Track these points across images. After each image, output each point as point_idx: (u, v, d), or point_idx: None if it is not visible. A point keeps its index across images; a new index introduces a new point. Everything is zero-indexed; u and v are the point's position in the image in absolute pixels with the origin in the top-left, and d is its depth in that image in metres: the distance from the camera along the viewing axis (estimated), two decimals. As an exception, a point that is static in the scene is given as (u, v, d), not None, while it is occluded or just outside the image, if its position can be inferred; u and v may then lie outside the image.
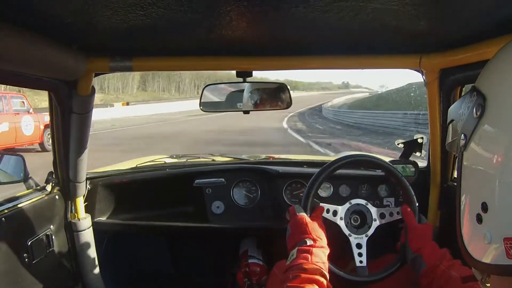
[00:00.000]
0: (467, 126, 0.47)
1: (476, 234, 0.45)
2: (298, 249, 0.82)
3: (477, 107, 0.45)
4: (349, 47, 1.04)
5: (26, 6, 0.64)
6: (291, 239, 0.89)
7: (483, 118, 0.44)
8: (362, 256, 1.01)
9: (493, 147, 0.43)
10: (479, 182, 0.45)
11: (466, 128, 0.48)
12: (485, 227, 0.43)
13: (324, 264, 0.80)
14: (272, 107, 1.23)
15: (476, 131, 0.45)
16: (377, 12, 0.70)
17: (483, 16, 0.73)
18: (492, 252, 0.42)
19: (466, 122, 0.48)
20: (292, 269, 0.76)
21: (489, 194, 0.42)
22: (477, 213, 0.44)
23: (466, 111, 0.49)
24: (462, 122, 0.50)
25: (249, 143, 9.49)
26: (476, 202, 0.44)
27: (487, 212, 0.42)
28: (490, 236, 0.42)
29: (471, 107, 0.47)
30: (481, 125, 0.45)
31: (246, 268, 1.39)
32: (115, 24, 0.75)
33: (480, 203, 0.43)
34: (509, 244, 0.39)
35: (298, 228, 0.89)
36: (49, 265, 1.12)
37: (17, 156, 1.21)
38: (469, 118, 0.47)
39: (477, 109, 0.45)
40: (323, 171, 1.03)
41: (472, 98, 0.48)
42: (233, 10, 0.68)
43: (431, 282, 0.87)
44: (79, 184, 1.24)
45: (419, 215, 1.02)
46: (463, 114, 0.50)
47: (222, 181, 1.42)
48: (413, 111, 13.38)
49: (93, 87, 1.14)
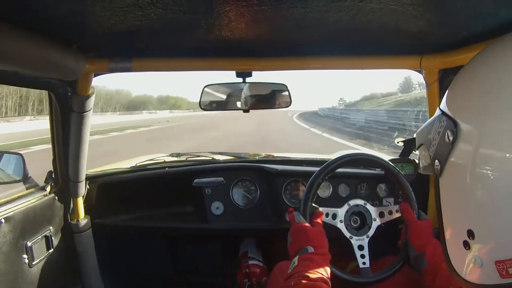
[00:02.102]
0: (440, 151, 0.47)
1: (465, 259, 0.44)
2: (299, 257, 0.83)
3: (449, 132, 0.45)
4: (348, 48, 1.03)
5: (26, 6, 0.64)
6: (292, 247, 0.89)
7: (456, 143, 0.44)
8: (365, 257, 1.01)
9: (472, 171, 0.41)
10: (461, 208, 0.44)
11: (439, 153, 0.47)
12: (474, 253, 0.42)
13: (325, 270, 0.80)
14: (272, 106, 1.23)
15: (451, 156, 0.45)
16: (376, 12, 0.70)
17: (483, 17, 0.73)
18: (484, 274, 0.42)
19: (439, 148, 0.48)
20: (294, 277, 0.77)
21: (474, 220, 0.42)
22: (463, 240, 0.43)
23: (437, 136, 0.48)
24: (434, 148, 0.49)
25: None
26: (461, 229, 0.43)
27: (474, 239, 0.42)
28: (480, 261, 0.41)
29: (442, 132, 0.47)
30: (455, 150, 0.44)
31: (246, 269, 1.39)
32: (114, 25, 0.75)
33: (466, 230, 0.42)
34: (501, 266, 0.39)
35: (299, 236, 0.90)
36: (49, 266, 1.12)
37: (17, 155, 1.20)
38: (441, 144, 0.47)
39: (449, 135, 0.45)
40: (321, 173, 1.03)
41: (441, 124, 0.47)
42: (232, 10, 0.68)
43: (433, 280, 0.88)
44: (78, 184, 1.24)
45: (419, 211, 1.03)
46: (434, 139, 0.49)
47: (221, 180, 1.42)
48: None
49: (92, 87, 1.14)
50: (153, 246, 1.66)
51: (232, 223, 1.41)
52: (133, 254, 1.62)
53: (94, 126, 1.48)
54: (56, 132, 1.16)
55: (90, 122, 1.19)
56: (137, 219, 1.44)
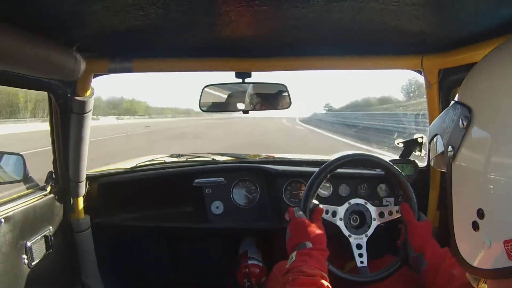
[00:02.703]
0: (454, 137, 0.48)
1: (473, 242, 0.45)
2: (297, 252, 0.83)
3: (463, 118, 0.46)
4: (349, 48, 1.03)
5: (25, 6, 0.64)
6: (291, 242, 0.89)
7: (470, 127, 0.45)
8: (363, 256, 1.01)
9: (485, 152, 0.42)
10: (472, 190, 0.45)
11: (453, 140, 0.49)
12: (483, 233, 0.43)
13: (323, 266, 0.80)
14: (272, 107, 1.23)
15: (465, 140, 0.46)
16: (377, 13, 0.70)
17: (483, 16, 0.73)
18: (492, 257, 0.42)
19: (453, 134, 0.49)
20: (292, 272, 0.76)
21: (484, 199, 0.42)
22: (473, 221, 0.44)
23: (451, 123, 0.50)
24: (448, 135, 0.51)
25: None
26: (470, 210, 0.44)
27: (484, 218, 0.42)
28: (489, 242, 0.42)
29: (456, 120, 0.48)
30: (469, 134, 0.45)
31: (246, 269, 1.39)
32: (114, 25, 0.75)
33: (476, 210, 0.43)
34: (510, 246, 0.39)
35: (298, 231, 0.90)
36: (49, 265, 1.12)
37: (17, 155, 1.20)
38: (455, 130, 0.48)
39: (463, 120, 0.46)
40: (321, 172, 1.03)
41: (456, 111, 0.49)
42: (233, 10, 0.68)
43: (433, 280, 0.88)
44: (78, 184, 1.24)
45: (419, 212, 1.02)
46: (448, 127, 0.51)
47: (221, 181, 1.41)
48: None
49: (92, 88, 1.14)
50: (153, 246, 1.66)
51: (232, 223, 1.41)
52: (133, 253, 1.61)
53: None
54: (56, 133, 1.16)
55: (90, 123, 1.19)
56: (137, 219, 1.44)
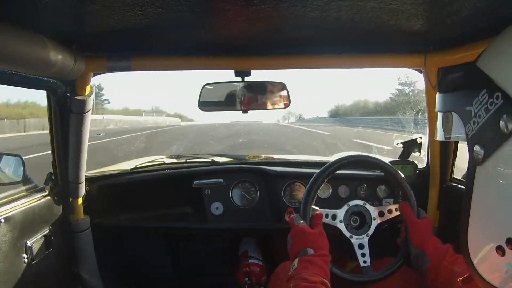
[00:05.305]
0: (488, 136, 0.38)
1: (493, 263, 0.39)
2: (299, 259, 0.83)
3: (506, 118, 0.35)
4: (348, 46, 1.03)
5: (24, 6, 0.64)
6: (292, 249, 0.89)
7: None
8: (366, 256, 1.01)
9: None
10: (502, 210, 0.37)
11: (484, 138, 0.38)
12: (507, 261, 0.37)
13: (325, 272, 0.80)
14: (271, 106, 1.23)
15: (505, 147, 0.36)
16: (376, 12, 0.70)
17: (484, 14, 0.73)
18: (509, 281, 0.38)
19: (485, 131, 0.38)
20: (294, 279, 0.77)
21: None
22: (498, 245, 0.38)
23: (484, 113, 0.38)
24: (475, 126, 0.39)
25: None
26: (497, 233, 0.38)
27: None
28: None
29: (494, 114, 0.37)
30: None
31: (246, 268, 1.39)
32: (113, 24, 0.75)
33: (505, 238, 0.37)
34: None
35: (299, 239, 0.90)
36: (49, 266, 1.12)
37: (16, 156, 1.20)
38: (491, 127, 0.38)
39: (507, 122, 0.35)
40: (319, 176, 1.02)
41: (493, 100, 0.37)
42: (231, 9, 0.68)
43: (435, 278, 0.88)
44: (78, 185, 1.23)
45: (418, 209, 1.02)
46: (476, 116, 0.39)
47: (221, 182, 1.41)
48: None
49: (91, 87, 1.14)
50: (153, 246, 1.65)
51: (232, 223, 1.41)
52: (133, 253, 1.61)
53: None
54: (56, 133, 1.16)
55: (89, 123, 1.18)
56: (137, 220, 1.44)
